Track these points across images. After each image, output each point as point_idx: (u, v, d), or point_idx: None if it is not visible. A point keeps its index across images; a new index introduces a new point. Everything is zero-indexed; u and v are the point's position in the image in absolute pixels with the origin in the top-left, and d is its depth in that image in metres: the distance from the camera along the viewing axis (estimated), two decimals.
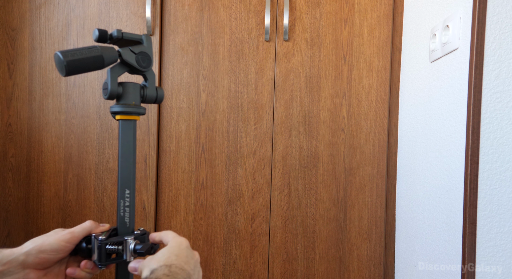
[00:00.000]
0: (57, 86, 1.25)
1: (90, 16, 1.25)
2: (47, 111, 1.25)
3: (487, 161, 0.80)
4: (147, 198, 1.23)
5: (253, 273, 1.25)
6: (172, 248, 0.50)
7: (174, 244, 0.52)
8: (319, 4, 1.24)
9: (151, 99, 0.61)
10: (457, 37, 0.87)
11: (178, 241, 0.52)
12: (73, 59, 0.52)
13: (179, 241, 0.52)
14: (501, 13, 0.79)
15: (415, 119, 1.12)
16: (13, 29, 1.26)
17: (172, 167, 1.25)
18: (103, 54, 0.54)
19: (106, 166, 1.25)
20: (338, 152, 1.25)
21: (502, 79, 0.79)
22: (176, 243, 0.52)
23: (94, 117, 1.25)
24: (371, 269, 1.26)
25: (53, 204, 1.26)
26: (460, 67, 0.86)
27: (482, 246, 0.80)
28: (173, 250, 0.50)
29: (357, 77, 1.25)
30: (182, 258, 0.49)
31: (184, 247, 0.51)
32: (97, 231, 0.57)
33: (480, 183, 0.80)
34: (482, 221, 0.80)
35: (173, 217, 1.25)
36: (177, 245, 0.51)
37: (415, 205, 1.10)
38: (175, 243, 0.52)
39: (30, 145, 1.26)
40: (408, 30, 1.20)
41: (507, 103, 0.79)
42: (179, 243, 0.52)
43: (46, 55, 1.26)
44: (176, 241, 0.52)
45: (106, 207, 1.25)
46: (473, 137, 0.79)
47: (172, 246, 0.51)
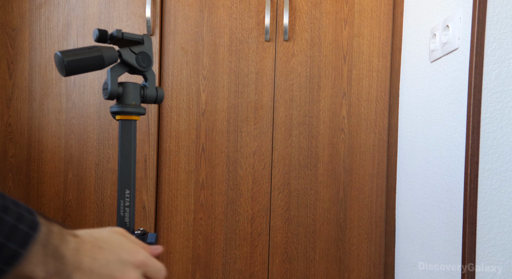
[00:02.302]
0: (57, 86, 1.25)
1: (90, 16, 1.25)
2: (47, 111, 1.26)
3: (487, 161, 0.80)
4: (147, 198, 1.23)
5: (253, 273, 1.25)
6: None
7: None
8: (319, 4, 1.24)
9: (151, 99, 0.61)
10: (457, 37, 0.87)
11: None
12: (73, 59, 0.52)
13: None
14: (501, 13, 0.79)
15: (415, 119, 1.12)
16: (13, 29, 1.26)
17: (172, 167, 1.25)
18: (103, 54, 0.54)
19: (106, 166, 1.25)
20: (338, 152, 1.25)
21: (502, 79, 0.79)
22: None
23: (94, 117, 1.25)
24: (371, 269, 1.26)
25: (53, 204, 1.26)
26: (460, 67, 0.86)
27: (482, 246, 0.80)
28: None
29: (357, 77, 1.25)
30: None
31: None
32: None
33: (480, 183, 0.80)
34: (482, 221, 0.80)
35: (173, 217, 1.25)
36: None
37: (415, 205, 1.10)
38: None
39: (30, 145, 1.26)
40: (408, 30, 1.20)
41: (507, 103, 0.79)
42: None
43: (46, 55, 1.26)
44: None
45: (106, 207, 1.25)
46: (473, 137, 0.80)
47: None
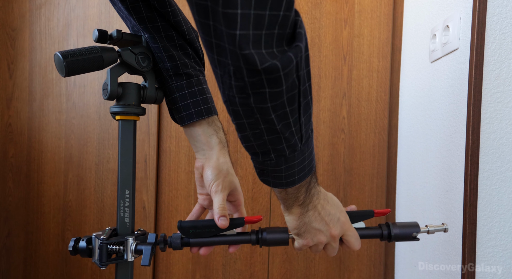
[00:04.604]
0: (57, 86, 1.25)
1: (90, 16, 1.25)
2: (47, 111, 1.26)
3: (487, 161, 0.80)
4: (147, 198, 1.23)
5: (253, 273, 1.25)
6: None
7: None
8: (319, 4, 1.24)
9: (151, 99, 0.61)
10: (457, 37, 0.87)
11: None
12: (72, 59, 0.52)
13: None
14: (501, 13, 0.79)
15: (415, 119, 1.12)
16: (13, 29, 1.26)
17: (172, 167, 1.25)
18: (102, 55, 0.54)
19: (106, 166, 1.25)
20: (338, 152, 1.25)
21: (502, 79, 0.79)
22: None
23: (94, 117, 1.25)
24: (371, 269, 1.26)
25: (53, 204, 1.26)
26: (460, 67, 0.86)
27: (482, 246, 0.80)
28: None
29: (357, 77, 1.25)
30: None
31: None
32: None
33: (480, 183, 0.80)
34: (482, 222, 0.80)
35: (173, 217, 1.25)
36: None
37: (415, 205, 1.10)
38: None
39: (30, 145, 1.26)
40: (408, 30, 1.20)
41: (507, 104, 0.79)
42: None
43: (46, 55, 1.26)
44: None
45: (106, 207, 1.25)
46: (473, 137, 0.79)
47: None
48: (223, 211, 0.57)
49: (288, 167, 0.45)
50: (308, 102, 0.42)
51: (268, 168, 0.45)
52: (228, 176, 0.61)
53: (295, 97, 0.39)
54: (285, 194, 0.50)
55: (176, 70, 0.60)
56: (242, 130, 0.42)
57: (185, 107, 0.60)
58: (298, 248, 0.56)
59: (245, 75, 0.35)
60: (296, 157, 0.44)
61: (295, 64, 0.37)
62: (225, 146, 0.63)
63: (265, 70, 0.34)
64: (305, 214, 0.52)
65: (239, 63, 0.34)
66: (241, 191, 0.66)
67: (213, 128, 0.62)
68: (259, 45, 0.34)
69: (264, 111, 0.38)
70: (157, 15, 0.57)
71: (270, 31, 0.34)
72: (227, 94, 0.38)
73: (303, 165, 0.46)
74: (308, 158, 0.47)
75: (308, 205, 0.52)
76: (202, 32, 0.35)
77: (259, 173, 0.49)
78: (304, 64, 0.39)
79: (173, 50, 0.59)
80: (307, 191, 0.50)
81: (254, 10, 0.32)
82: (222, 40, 0.33)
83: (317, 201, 0.53)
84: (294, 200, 0.51)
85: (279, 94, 0.37)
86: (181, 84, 0.60)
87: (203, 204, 0.67)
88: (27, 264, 1.27)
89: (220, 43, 0.34)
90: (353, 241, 0.57)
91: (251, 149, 0.44)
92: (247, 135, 0.42)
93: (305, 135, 0.44)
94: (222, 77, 0.37)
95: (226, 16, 0.32)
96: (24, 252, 1.27)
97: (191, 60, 0.61)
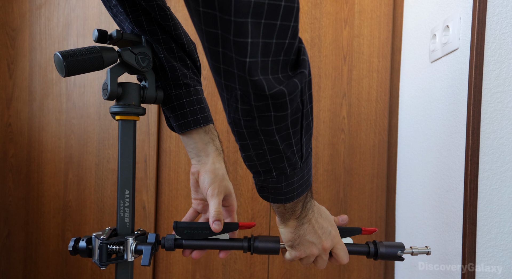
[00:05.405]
0: (57, 87, 1.25)
1: (90, 16, 1.25)
2: (47, 111, 1.26)
3: (487, 162, 0.80)
4: (147, 198, 1.23)
5: (253, 273, 1.25)
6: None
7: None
8: (319, 4, 1.24)
9: (151, 99, 0.61)
10: (457, 37, 0.87)
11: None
12: (72, 59, 0.52)
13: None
14: (501, 13, 0.79)
15: (415, 119, 1.12)
16: (13, 29, 1.26)
17: (172, 167, 1.25)
18: (102, 55, 0.54)
19: (106, 166, 1.25)
20: (338, 153, 1.25)
21: (502, 79, 0.79)
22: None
23: (94, 118, 1.25)
24: (371, 269, 1.26)
25: (53, 204, 1.26)
26: (460, 67, 0.86)
27: (482, 246, 0.80)
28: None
29: (357, 77, 1.25)
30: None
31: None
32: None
33: (480, 184, 0.80)
34: (482, 222, 0.80)
35: (173, 217, 1.25)
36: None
37: (415, 205, 1.10)
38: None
39: (30, 145, 1.26)
40: (408, 30, 1.20)
41: (507, 104, 0.79)
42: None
43: (46, 56, 1.26)
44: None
45: (106, 207, 1.25)
46: (473, 137, 0.79)
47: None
48: (219, 215, 0.59)
49: (288, 184, 0.47)
50: (309, 123, 0.44)
51: (269, 186, 0.47)
52: (224, 181, 0.63)
53: (298, 120, 0.41)
54: (283, 209, 0.52)
55: (176, 80, 0.62)
56: (245, 150, 0.44)
57: (183, 116, 0.62)
58: (290, 259, 0.58)
59: (252, 99, 0.37)
60: (296, 174, 0.46)
61: (300, 89, 0.39)
62: (221, 153, 0.65)
63: (272, 95, 0.36)
64: (300, 227, 0.54)
65: (247, 88, 0.36)
66: (235, 197, 0.68)
67: (210, 136, 0.64)
68: (266, 71, 0.35)
69: (269, 133, 0.40)
70: (159, 28, 0.59)
71: (276, 58, 0.36)
72: (232, 116, 0.40)
73: (301, 181, 0.48)
74: (306, 174, 0.49)
75: (303, 219, 0.54)
76: (211, 58, 0.36)
77: (259, 190, 0.51)
78: (307, 89, 0.41)
79: (173, 61, 0.61)
80: (304, 205, 0.53)
81: (263, 39, 0.34)
82: (231, 66, 0.35)
83: (312, 214, 0.55)
84: (291, 214, 0.53)
85: (283, 117, 0.39)
86: (180, 93, 0.63)
87: (197, 208, 0.68)
88: (27, 264, 1.27)
89: (229, 69, 0.35)
90: (342, 254, 0.60)
91: (254, 168, 0.46)
92: (250, 155, 0.44)
93: (305, 153, 0.46)
94: (229, 100, 0.38)
95: (237, 45, 0.33)
96: (24, 252, 1.27)
97: (190, 71, 0.64)
